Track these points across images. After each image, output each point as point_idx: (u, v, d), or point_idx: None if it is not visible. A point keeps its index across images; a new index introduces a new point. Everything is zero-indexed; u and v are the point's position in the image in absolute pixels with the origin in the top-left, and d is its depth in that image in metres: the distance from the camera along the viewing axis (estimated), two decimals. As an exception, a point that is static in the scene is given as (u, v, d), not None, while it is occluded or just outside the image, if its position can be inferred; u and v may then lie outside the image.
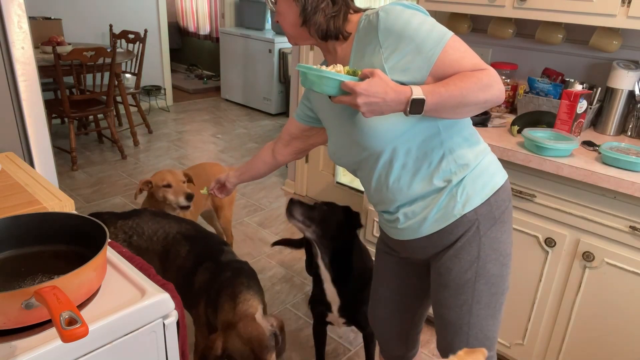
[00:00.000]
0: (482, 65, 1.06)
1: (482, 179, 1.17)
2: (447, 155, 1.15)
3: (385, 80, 0.99)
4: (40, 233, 0.89)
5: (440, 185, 1.16)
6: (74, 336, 0.63)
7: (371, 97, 0.98)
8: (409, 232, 1.23)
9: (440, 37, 1.05)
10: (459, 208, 1.16)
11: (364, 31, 1.11)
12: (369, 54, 1.11)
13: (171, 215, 1.90)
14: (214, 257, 1.70)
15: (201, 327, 1.68)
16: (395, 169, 1.17)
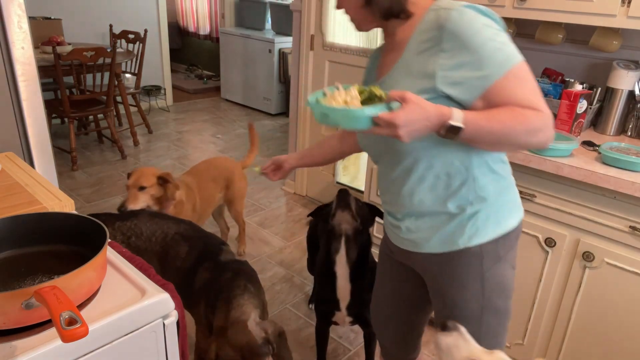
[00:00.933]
0: (539, 105, 0.96)
1: (496, 217, 1.11)
2: (469, 183, 1.08)
3: (421, 103, 0.91)
4: (40, 233, 0.89)
5: (453, 211, 1.10)
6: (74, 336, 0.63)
7: (412, 125, 0.91)
8: (409, 244, 1.20)
9: (506, 60, 0.96)
10: (465, 239, 1.11)
11: (429, 24, 1.02)
12: (425, 52, 1.01)
13: (170, 216, 1.90)
14: (213, 257, 1.70)
15: (202, 327, 1.68)
16: (412, 180, 1.11)
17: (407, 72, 1.05)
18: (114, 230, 1.75)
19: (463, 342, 0.98)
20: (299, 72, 3.36)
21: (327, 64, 3.21)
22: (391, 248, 1.33)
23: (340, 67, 3.15)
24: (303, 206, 3.57)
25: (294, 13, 3.27)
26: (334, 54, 3.15)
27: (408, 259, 1.26)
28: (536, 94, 0.98)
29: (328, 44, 3.16)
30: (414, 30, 1.05)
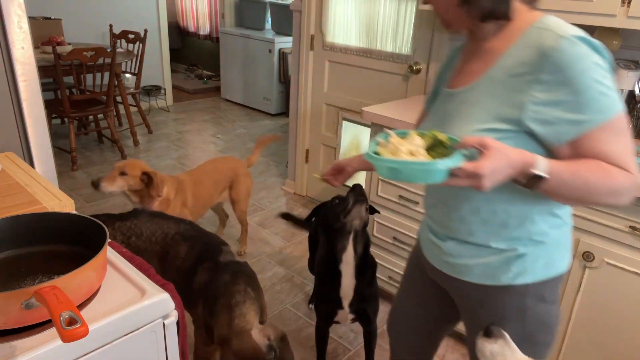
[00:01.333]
0: (629, 165, 0.88)
1: (548, 260, 1.04)
2: (527, 225, 1.00)
3: (503, 150, 0.83)
4: (40, 233, 0.89)
5: (502, 247, 1.02)
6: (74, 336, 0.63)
7: (497, 175, 0.83)
8: (448, 267, 1.12)
9: (608, 109, 0.86)
10: (509, 277, 1.04)
11: (530, 44, 0.90)
12: (519, 77, 0.90)
13: (170, 216, 1.90)
14: (213, 257, 1.70)
15: (199, 328, 1.68)
16: (466, 208, 1.03)
17: (491, 92, 0.95)
18: (114, 230, 1.75)
19: (509, 351, 0.92)
20: (299, 72, 3.36)
21: (327, 64, 3.21)
22: (424, 263, 1.24)
23: (340, 67, 3.15)
24: (303, 206, 3.57)
25: (294, 13, 3.27)
26: (334, 54, 3.15)
27: (443, 280, 1.18)
28: (630, 152, 0.89)
29: (328, 44, 3.16)
30: (510, 44, 0.94)
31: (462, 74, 1.04)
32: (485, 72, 0.97)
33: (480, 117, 0.94)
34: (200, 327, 1.67)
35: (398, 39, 2.80)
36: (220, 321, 1.52)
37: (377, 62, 2.93)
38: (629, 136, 0.89)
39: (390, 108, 2.28)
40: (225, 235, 3.12)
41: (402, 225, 2.25)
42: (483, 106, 0.95)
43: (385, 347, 2.21)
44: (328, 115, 3.33)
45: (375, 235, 2.37)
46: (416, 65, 2.69)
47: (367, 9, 2.89)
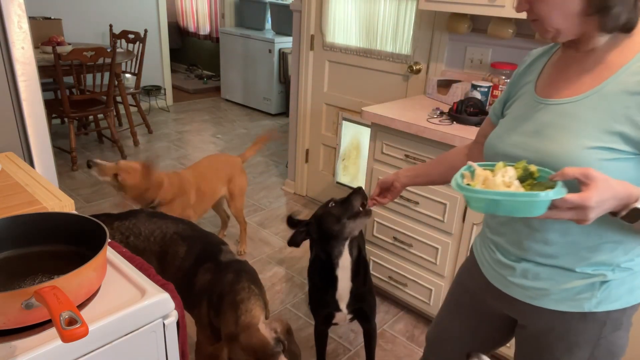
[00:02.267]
0: None
1: (631, 286, 0.99)
2: (619, 250, 0.95)
3: (608, 181, 0.79)
4: (40, 233, 0.89)
5: (588, 272, 0.97)
6: (74, 336, 0.63)
7: (602, 206, 0.79)
8: (519, 291, 1.05)
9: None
10: (593, 304, 0.98)
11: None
12: (632, 96, 0.86)
13: (168, 216, 1.90)
14: (214, 257, 1.70)
15: (204, 328, 1.68)
16: (553, 229, 0.96)
17: (604, 108, 0.89)
18: (113, 230, 1.75)
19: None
20: (299, 72, 3.36)
21: (327, 64, 3.21)
22: (481, 286, 1.16)
23: (340, 67, 3.15)
24: (303, 206, 3.57)
25: (294, 13, 3.27)
26: (334, 54, 3.15)
27: (508, 305, 1.11)
28: None
29: (328, 44, 3.16)
30: (628, 59, 0.88)
31: (560, 83, 0.98)
32: (597, 85, 0.91)
33: (592, 134, 0.88)
34: (204, 327, 1.67)
35: (398, 39, 2.80)
36: (227, 319, 1.53)
37: (377, 62, 2.93)
38: None
39: (390, 108, 2.28)
40: (226, 235, 3.12)
41: (402, 225, 2.25)
42: (595, 121, 0.89)
43: (385, 347, 2.21)
44: (328, 115, 3.33)
45: (375, 235, 2.37)
46: (416, 65, 2.69)
47: (367, 9, 2.89)
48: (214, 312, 1.59)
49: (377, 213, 2.33)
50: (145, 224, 1.80)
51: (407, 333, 2.32)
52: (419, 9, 2.43)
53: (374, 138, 2.28)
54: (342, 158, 3.33)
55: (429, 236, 2.16)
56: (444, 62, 2.59)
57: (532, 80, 1.05)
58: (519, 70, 1.13)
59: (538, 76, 1.05)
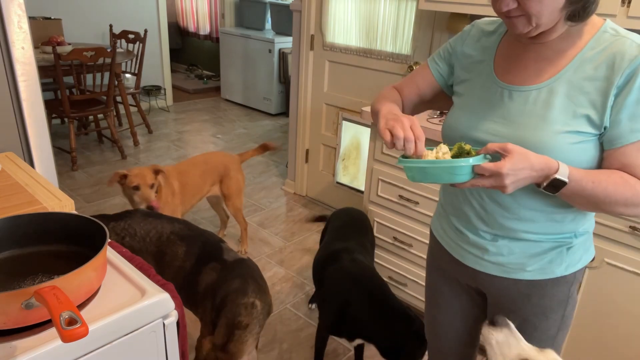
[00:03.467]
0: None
1: (586, 245, 1.12)
2: (579, 221, 1.06)
3: (525, 153, 0.88)
4: (40, 233, 0.89)
5: (557, 240, 1.07)
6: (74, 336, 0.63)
7: (517, 175, 0.87)
8: (495, 268, 1.11)
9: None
10: (562, 268, 1.08)
11: (603, 47, 0.94)
12: (595, 80, 0.93)
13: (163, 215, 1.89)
14: (217, 256, 1.69)
15: (207, 325, 1.67)
16: (524, 203, 1.03)
17: (569, 94, 0.95)
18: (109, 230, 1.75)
19: (514, 340, 0.95)
20: (299, 72, 3.36)
21: (327, 64, 3.21)
22: (449, 266, 1.22)
23: (340, 67, 3.15)
24: (303, 206, 3.57)
25: (294, 13, 3.27)
26: (334, 54, 3.15)
27: (485, 283, 1.16)
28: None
29: (328, 44, 3.16)
30: (582, 46, 0.96)
31: (519, 70, 1.02)
32: (558, 72, 0.97)
33: (560, 119, 0.95)
34: (207, 325, 1.66)
35: (398, 39, 2.80)
36: (220, 331, 1.54)
37: (377, 62, 2.93)
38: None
39: (390, 108, 2.28)
40: (226, 235, 3.12)
41: (402, 225, 2.25)
42: (562, 107, 0.95)
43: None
44: (328, 115, 3.33)
45: (375, 235, 2.37)
46: (416, 65, 2.69)
47: (367, 9, 2.89)
48: (215, 313, 1.59)
49: (377, 213, 2.33)
50: (141, 224, 1.80)
51: (407, 333, 2.32)
52: (419, 9, 2.43)
53: (374, 138, 2.28)
54: (342, 158, 3.33)
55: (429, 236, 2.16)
56: (444, 62, 2.59)
57: (487, 61, 1.08)
58: (464, 36, 1.15)
59: (493, 58, 1.07)
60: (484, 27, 1.13)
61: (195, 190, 2.64)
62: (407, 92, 1.23)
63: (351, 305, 1.75)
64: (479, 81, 1.08)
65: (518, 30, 0.96)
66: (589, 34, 0.96)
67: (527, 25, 0.94)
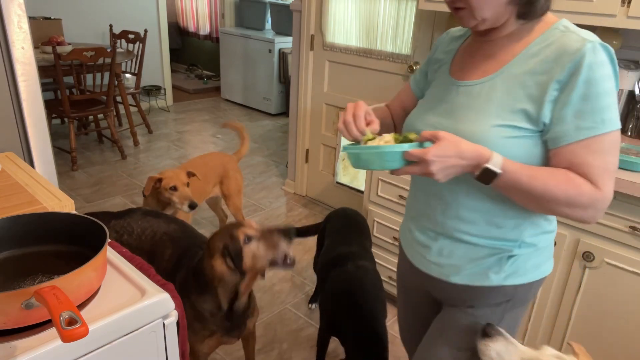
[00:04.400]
0: (601, 182, 0.88)
1: (538, 261, 1.05)
2: (524, 229, 1.02)
3: (455, 141, 0.87)
4: (40, 233, 0.89)
5: (497, 246, 1.02)
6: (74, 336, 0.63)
7: (444, 162, 0.86)
8: (435, 268, 1.10)
9: (608, 122, 0.87)
10: (500, 278, 1.04)
11: (549, 42, 0.92)
12: (538, 75, 0.91)
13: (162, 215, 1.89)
14: (189, 263, 1.68)
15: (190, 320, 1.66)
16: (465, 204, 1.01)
17: (509, 88, 0.95)
18: (109, 228, 1.76)
19: (512, 346, 0.95)
20: (299, 72, 3.36)
21: (327, 64, 3.21)
22: (409, 270, 1.20)
23: (340, 67, 3.15)
24: (303, 206, 3.57)
25: (294, 13, 3.27)
26: (334, 54, 3.15)
27: (430, 284, 1.15)
28: (610, 170, 0.89)
29: (328, 44, 3.16)
30: (529, 42, 0.95)
31: (470, 67, 1.03)
32: (502, 67, 0.97)
33: (497, 113, 0.94)
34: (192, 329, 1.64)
35: (398, 39, 2.80)
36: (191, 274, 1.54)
37: (377, 62, 2.93)
38: (614, 155, 0.90)
39: (390, 108, 2.28)
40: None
41: (402, 225, 2.25)
42: (500, 101, 0.95)
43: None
44: (328, 115, 3.33)
45: (375, 235, 2.37)
46: (416, 65, 2.69)
47: (367, 9, 2.89)
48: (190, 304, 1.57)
49: (377, 213, 2.33)
50: (138, 222, 1.80)
51: (407, 333, 2.32)
52: (419, 8, 2.43)
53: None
54: (342, 158, 3.33)
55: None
56: (444, 62, 2.59)
57: (447, 62, 1.11)
58: (438, 44, 1.18)
59: (452, 59, 1.10)
60: (455, 33, 1.16)
61: (200, 192, 2.65)
62: (394, 107, 1.29)
63: (338, 313, 1.77)
64: (439, 81, 1.11)
65: (465, 24, 0.97)
66: (539, 32, 0.95)
67: (472, 19, 0.94)
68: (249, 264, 1.44)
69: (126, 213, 1.85)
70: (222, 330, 1.57)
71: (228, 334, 1.60)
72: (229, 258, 1.43)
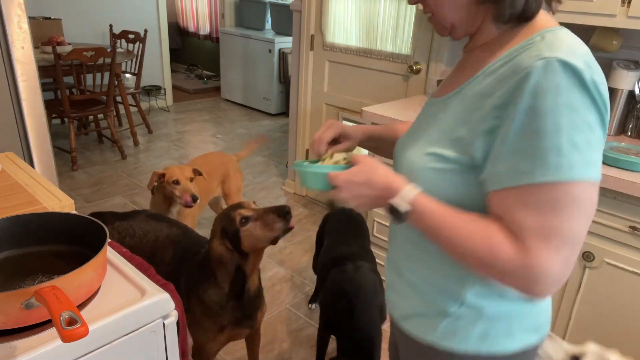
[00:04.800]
0: (533, 248, 0.67)
1: (484, 331, 0.83)
2: (466, 287, 0.82)
3: (370, 167, 0.77)
4: (40, 233, 0.89)
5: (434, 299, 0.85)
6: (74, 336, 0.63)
7: (354, 190, 0.77)
8: (391, 307, 0.97)
9: (555, 169, 0.65)
10: (436, 336, 0.86)
11: (511, 57, 0.72)
12: (484, 98, 0.73)
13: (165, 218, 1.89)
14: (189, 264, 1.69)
15: (197, 322, 1.66)
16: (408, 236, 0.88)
17: (454, 111, 0.79)
18: (113, 229, 1.75)
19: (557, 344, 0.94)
20: (299, 72, 3.36)
21: (327, 64, 3.21)
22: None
23: (340, 67, 3.15)
24: (303, 206, 3.57)
25: (294, 13, 3.27)
26: (334, 54, 3.15)
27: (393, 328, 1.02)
28: (549, 233, 0.66)
29: (328, 44, 3.16)
30: (500, 55, 0.75)
31: (446, 82, 0.89)
32: (461, 85, 0.80)
33: (437, 138, 0.79)
34: (196, 322, 1.64)
35: (398, 39, 2.80)
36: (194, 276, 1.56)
37: (377, 62, 2.93)
38: (570, 216, 0.66)
39: (390, 108, 2.28)
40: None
41: (402, 225, 2.25)
42: (444, 125, 0.79)
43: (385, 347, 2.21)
44: (328, 115, 3.33)
45: (375, 235, 2.37)
46: (416, 65, 2.69)
47: (367, 9, 2.89)
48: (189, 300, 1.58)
49: (377, 213, 2.33)
50: (141, 225, 1.80)
51: (407, 333, 2.32)
52: (419, 9, 2.43)
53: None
54: (342, 158, 3.33)
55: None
56: (444, 62, 2.59)
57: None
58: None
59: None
60: None
61: (205, 191, 2.65)
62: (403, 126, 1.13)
63: (335, 312, 1.77)
64: None
65: (439, 33, 0.84)
66: (518, 40, 0.74)
67: (441, 26, 0.82)
68: (247, 244, 1.46)
69: (130, 215, 1.85)
70: (233, 322, 1.58)
71: (239, 325, 1.60)
72: (227, 239, 1.46)
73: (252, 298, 1.59)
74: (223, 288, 1.52)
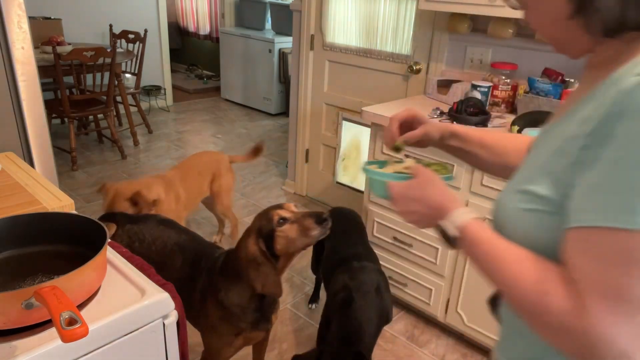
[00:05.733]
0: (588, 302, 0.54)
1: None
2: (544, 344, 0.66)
3: (427, 182, 0.72)
4: (40, 233, 0.89)
5: None
6: (74, 336, 0.63)
7: (407, 205, 0.74)
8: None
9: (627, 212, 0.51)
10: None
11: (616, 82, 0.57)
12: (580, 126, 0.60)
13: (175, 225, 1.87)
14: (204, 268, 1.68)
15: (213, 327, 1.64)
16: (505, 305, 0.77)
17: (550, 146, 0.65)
18: (123, 232, 1.74)
19: None
20: (299, 72, 3.36)
21: (327, 64, 3.21)
22: None
23: (340, 67, 3.15)
24: (303, 206, 3.56)
25: (294, 13, 3.27)
26: (334, 54, 3.15)
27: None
28: (611, 283, 0.53)
29: (328, 44, 3.16)
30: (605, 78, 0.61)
31: (559, 108, 0.75)
32: (564, 113, 0.67)
33: (530, 174, 0.67)
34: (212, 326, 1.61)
35: (398, 39, 2.80)
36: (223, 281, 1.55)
37: (377, 62, 2.93)
38: (629, 266, 0.52)
39: (390, 108, 2.28)
40: (225, 234, 3.12)
41: (402, 225, 2.25)
42: (540, 159, 0.66)
43: (385, 347, 2.21)
44: (328, 115, 3.33)
45: (375, 235, 2.37)
46: (416, 65, 2.69)
47: (367, 9, 2.89)
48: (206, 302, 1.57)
49: (377, 213, 2.33)
50: (151, 230, 1.78)
51: (407, 333, 2.32)
52: (419, 9, 2.43)
53: (374, 138, 2.28)
54: (342, 158, 3.33)
55: (429, 236, 2.16)
56: (444, 62, 2.59)
57: None
58: None
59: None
60: None
61: (197, 191, 2.65)
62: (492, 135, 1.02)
63: (336, 307, 1.77)
64: None
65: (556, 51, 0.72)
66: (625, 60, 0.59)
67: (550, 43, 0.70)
68: (280, 246, 1.44)
69: (141, 219, 1.83)
70: (250, 325, 1.56)
71: (256, 328, 1.58)
72: (262, 239, 1.44)
73: (271, 300, 1.58)
74: (250, 289, 1.49)
